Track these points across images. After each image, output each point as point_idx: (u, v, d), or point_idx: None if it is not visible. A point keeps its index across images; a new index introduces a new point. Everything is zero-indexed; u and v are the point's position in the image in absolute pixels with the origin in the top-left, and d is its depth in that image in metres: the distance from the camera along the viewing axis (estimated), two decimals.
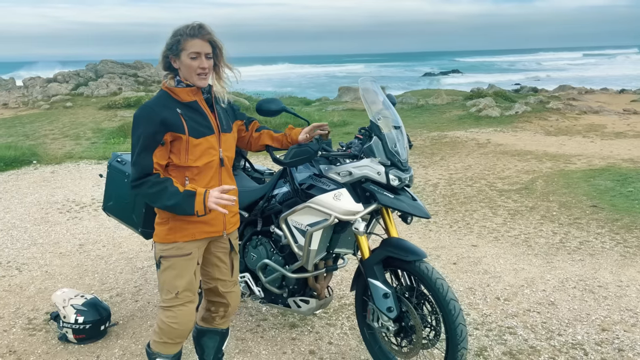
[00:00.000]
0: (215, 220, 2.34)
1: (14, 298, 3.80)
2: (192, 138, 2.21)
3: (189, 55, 2.19)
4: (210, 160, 2.28)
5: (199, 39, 2.20)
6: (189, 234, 2.30)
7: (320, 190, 2.61)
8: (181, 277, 2.32)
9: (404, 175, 2.54)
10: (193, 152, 2.23)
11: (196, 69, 2.21)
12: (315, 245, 2.63)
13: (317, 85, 45.24)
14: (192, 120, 2.22)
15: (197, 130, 2.23)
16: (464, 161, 8.23)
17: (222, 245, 2.49)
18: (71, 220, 5.65)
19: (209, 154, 2.27)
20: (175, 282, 2.32)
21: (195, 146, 2.22)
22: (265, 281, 2.92)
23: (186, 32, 2.20)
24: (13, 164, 8.57)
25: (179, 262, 2.31)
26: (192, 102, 2.26)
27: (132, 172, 2.22)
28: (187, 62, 2.19)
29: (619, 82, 26.54)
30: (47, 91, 17.22)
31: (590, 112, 13.42)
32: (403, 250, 2.52)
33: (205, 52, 2.22)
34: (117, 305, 3.64)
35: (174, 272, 2.31)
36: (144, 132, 2.17)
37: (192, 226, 2.30)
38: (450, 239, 4.86)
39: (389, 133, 2.58)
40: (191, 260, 2.33)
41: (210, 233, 2.36)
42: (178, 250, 2.30)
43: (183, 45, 2.19)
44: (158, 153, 2.19)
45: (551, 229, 5.03)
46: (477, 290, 3.77)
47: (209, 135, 2.26)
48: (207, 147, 2.25)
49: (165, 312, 2.36)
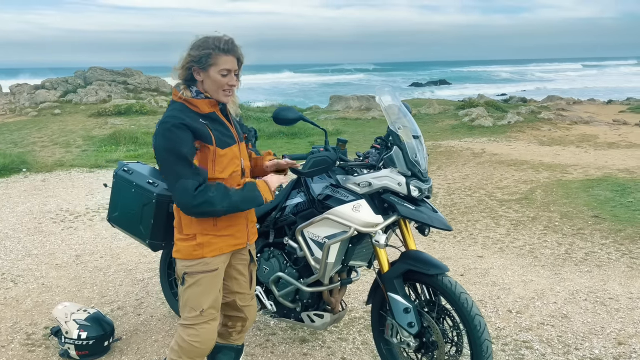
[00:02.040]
0: (240, 232, 2.31)
1: (11, 312, 3.65)
2: (219, 149, 2.17)
3: (220, 72, 2.13)
4: (235, 171, 2.24)
5: (232, 56, 2.14)
6: (217, 249, 2.23)
7: (338, 201, 2.54)
8: (207, 294, 2.24)
9: (425, 186, 2.48)
10: (220, 163, 2.18)
11: (224, 85, 2.16)
12: (333, 258, 2.55)
13: (306, 94, 45.27)
14: (216, 131, 2.18)
15: (222, 141, 2.19)
16: (461, 171, 8.22)
17: (243, 257, 2.44)
18: (66, 230, 5.50)
19: (233, 164, 2.23)
20: (200, 299, 2.24)
21: (221, 157, 2.18)
22: (278, 295, 2.83)
23: (219, 47, 2.11)
24: (2, 172, 8.37)
25: (206, 278, 2.23)
26: (211, 113, 2.20)
27: (188, 183, 2.05)
28: (216, 78, 2.13)
29: (600, 94, 26.83)
30: (35, 98, 16.96)
31: (581, 122, 13.55)
32: (424, 264, 2.45)
33: (235, 70, 2.17)
34: (119, 320, 3.52)
35: (200, 289, 2.23)
36: (182, 139, 2.05)
37: (220, 240, 2.24)
38: (455, 250, 4.81)
39: (410, 143, 2.51)
40: (218, 276, 2.27)
41: (236, 246, 2.32)
42: (205, 266, 2.22)
43: (214, 60, 2.11)
44: (195, 161, 2.13)
45: (556, 240, 5.00)
46: (488, 303, 3.71)
47: (233, 145, 2.23)
48: (232, 157, 2.22)
49: (188, 330, 2.26)
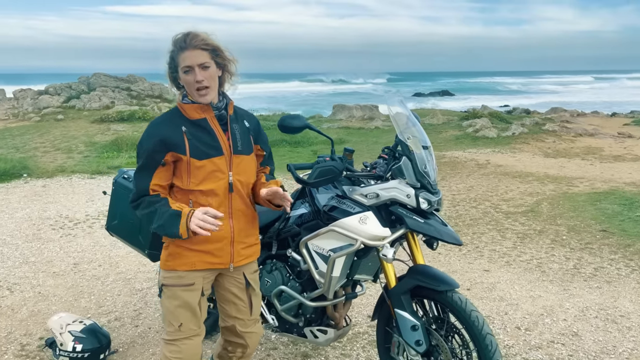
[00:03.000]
0: (220, 251, 2.11)
1: (5, 321, 3.56)
2: (193, 159, 2.01)
3: (183, 70, 2.00)
4: (215, 185, 2.05)
5: (189, 50, 1.98)
6: (188, 263, 2.09)
7: (344, 212, 2.45)
8: (184, 308, 2.11)
9: (434, 198, 2.40)
10: (195, 175, 2.03)
11: (193, 83, 1.99)
12: (337, 272, 2.46)
13: (308, 103, 45.29)
14: (196, 140, 2.02)
15: (200, 151, 2.02)
16: (465, 182, 8.12)
17: (236, 280, 2.24)
18: (64, 237, 5.41)
19: (214, 177, 2.05)
20: (177, 313, 2.11)
21: (197, 168, 2.02)
22: (280, 309, 2.73)
23: (176, 45, 2.00)
24: (2, 177, 8.30)
25: (180, 292, 2.10)
26: (200, 119, 2.05)
27: (132, 193, 2.08)
28: (183, 77, 2.01)
29: (601, 107, 26.71)
30: (38, 103, 16.95)
31: (586, 134, 13.47)
32: (434, 279, 2.35)
33: (198, 63, 1.98)
34: (116, 331, 3.42)
35: (176, 302, 2.10)
36: (144, 150, 2.02)
37: (192, 254, 2.08)
38: (461, 263, 4.71)
39: (419, 153, 2.43)
40: (193, 291, 2.11)
41: (214, 264, 2.13)
42: (179, 279, 2.10)
43: (177, 60, 2.01)
44: (158, 174, 2.03)
45: (563, 254, 4.89)
46: (496, 318, 3.60)
47: (215, 156, 2.04)
48: (212, 170, 2.04)
49: (169, 347, 2.15)
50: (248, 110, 2.30)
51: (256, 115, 2.45)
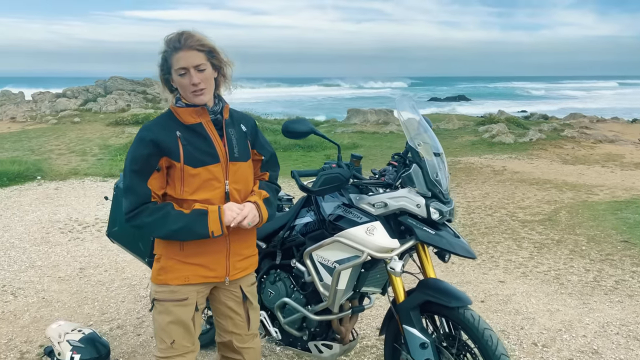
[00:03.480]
0: (215, 264, 1.99)
1: (7, 327, 3.50)
2: (187, 167, 1.89)
3: (177, 72, 1.88)
4: (211, 194, 1.92)
5: (184, 51, 1.86)
6: (181, 277, 1.96)
7: (350, 222, 2.33)
8: (177, 324, 1.99)
9: (446, 209, 2.26)
10: (189, 184, 1.90)
11: (188, 86, 1.88)
12: (343, 284, 2.33)
13: (324, 107, 45.23)
14: (191, 146, 1.90)
15: (195, 158, 1.90)
16: (481, 189, 7.94)
17: (233, 294, 2.11)
18: (72, 241, 5.37)
19: (210, 186, 1.92)
20: (169, 329, 1.99)
21: (192, 176, 1.90)
22: (283, 322, 2.61)
23: (170, 45, 1.88)
24: (17, 179, 8.34)
25: (173, 307, 1.97)
26: (196, 124, 1.93)
27: (125, 202, 1.91)
28: (177, 80, 1.90)
29: (621, 113, 26.12)
30: (55, 106, 17.13)
31: (606, 141, 13.15)
32: (445, 295, 2.22)
33: (194, 65, 1.86)
34: (118, 339, 3.34)
35: (169, 318, 1.98)
36: (139, 154, 1.89)
37: (185, 267, 1.96)
38: (475, 274, 4.54)
39: (430, 160, 2.30)
40: (187, 306, 1.98)
41: (209, 278, 2.00)
42: (172, 294, 1.97)
43: (170, 61, 1.90)
44: (153, 180, 1.90)
45: (582, 265, 4.70)
46: (511, 333, 3.44)
47: (210, 164, 1.92)
48: (208, 179, 1.91)
49: None
50: (245, 113, 2.17)
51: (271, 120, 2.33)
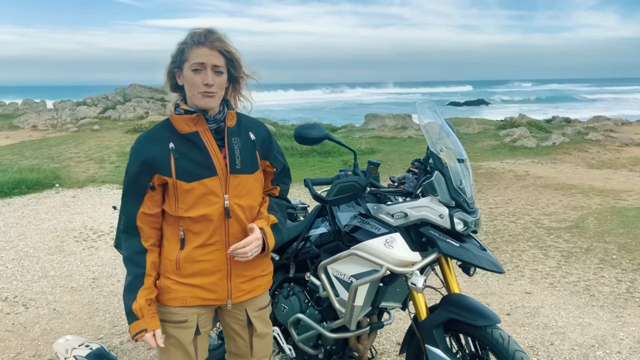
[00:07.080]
0: (213, 285, 1.81)
1: (16, 340, 3.42)
2: (180, 182, 1.72)
3: (191, 67, 1.70)
4: (208, 210, 1.75)
5: (206, 47, 1.70)
6: (178, 298, 1.80)
7: (368, 234, 2.18)
8: (175, 347, 1.84)
9: (471, 219, 2.09)
10: (184, 200, 1.74)
11: (199, 85, 1.70)
12: (360, 300, 2.18)
13: (342, 112, 45.13)
14: (184, 159, 1.72)
15: (188, 172, 1.72)
16: (503, 194, 7.70)
17: (237, 317, 1.94)
18: (87, 250, 5.31)
19: (206, 201, 1.74)
20: (169, 353, 1.84)
21: (186, 192, 1.73)
22: (297, 339, 2.47)
23: (192, 39, 1.71)
24: (35, 187, 8.38)
25: (172, 329, 1.82)
26: (191, 133, 1.75)
27: (119, 221, 1.86)
28: (189, 76, 1.71)
29: None
30: (75, 114, 17.32)
31: (632, 144, 12.76)
32: (471, 313, 2.05)
33: (212, 64, 1.70)
34: (128, 354, 3.23)
35: (167, 340, 1.83)
36: (129, 170, 1.77)
37: (182, 288, 1.79)
38: (499, 285, 4.34)
39: (454, 167, 2.14)
40: (187, 329, 1.83)
41: (208, 300, 1.84)
42: (170, 315, 1.82)
43: (187, 55, 1.71)
44: (148, 201, 1.76)
45: (614, 276, 4.46)
46: (540, 349, 3.24)
47: (206, 177, 1.73)
48: (204, 193, 1.74)
49: None
50: (257, 119, 1.97)
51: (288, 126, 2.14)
